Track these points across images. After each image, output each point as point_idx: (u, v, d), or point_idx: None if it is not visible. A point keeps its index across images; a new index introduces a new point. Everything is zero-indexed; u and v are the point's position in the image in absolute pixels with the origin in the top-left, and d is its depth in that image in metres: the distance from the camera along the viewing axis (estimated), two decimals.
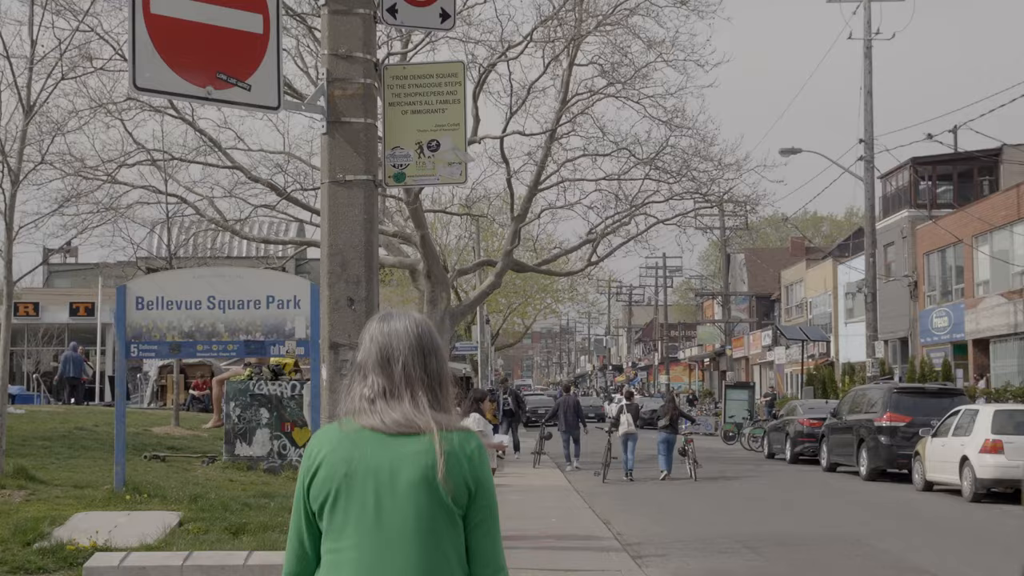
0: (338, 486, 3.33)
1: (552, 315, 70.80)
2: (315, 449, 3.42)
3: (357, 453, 3.34)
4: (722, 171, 34.39)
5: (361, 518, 3.31)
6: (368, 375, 3.48)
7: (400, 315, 3.59)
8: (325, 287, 5.86)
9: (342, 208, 5.80)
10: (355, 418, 3.43)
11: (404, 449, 3.33)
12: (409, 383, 3.42)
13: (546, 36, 30.63)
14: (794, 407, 35.48)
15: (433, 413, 3.38)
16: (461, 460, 3.35)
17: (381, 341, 3.50)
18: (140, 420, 26.71)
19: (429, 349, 3.50)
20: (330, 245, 5.85)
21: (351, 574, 3.30)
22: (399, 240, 33.44)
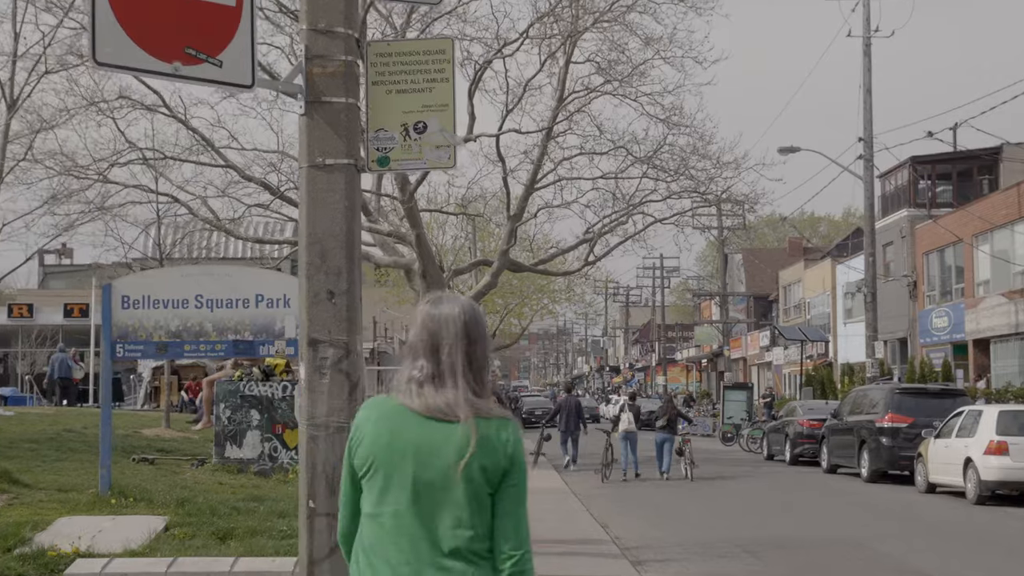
0: (381, 457, 3.59)
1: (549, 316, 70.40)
2: (363, 419, 3.70)
3: (401, 429, 3.59)
4: (720, 169, 34.08)
5: (400, 489, 3.56)
6: (418, 358, 3.68)
7: (450, 300, 3.78)
8: (303, 279, 5.49)
9: (321, 194, 5.42)
10: (401, 397, 3.64)
11: (444, 431, 3.56)
12: (453, 371, 3.62)
13: (542, 32, 30.29)
14: (793, 408, 35.15)
15: (474, 400, 3.60)
16: (496, 445, 3.57)
17: (431, 327, 3.68)
18: (131, 422, 26.38)
19: (475, 337, 3.70)
20: (308, 234, 5.47)
21: (388, 538, 3.57)
22: (394, 240, 33.07)
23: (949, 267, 45.94)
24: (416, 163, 5.99)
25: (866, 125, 39.31)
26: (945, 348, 44.58)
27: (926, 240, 47.08)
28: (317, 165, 5.48)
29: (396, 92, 5.96)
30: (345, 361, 5.44)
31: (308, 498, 5.39)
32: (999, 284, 40.56)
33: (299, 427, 5.59)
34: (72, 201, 31.98)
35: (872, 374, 37.84)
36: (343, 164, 5.46)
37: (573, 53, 31.48)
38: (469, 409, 3.58)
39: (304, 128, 5.52)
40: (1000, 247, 40.58)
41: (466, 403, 3.59)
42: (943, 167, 49.87)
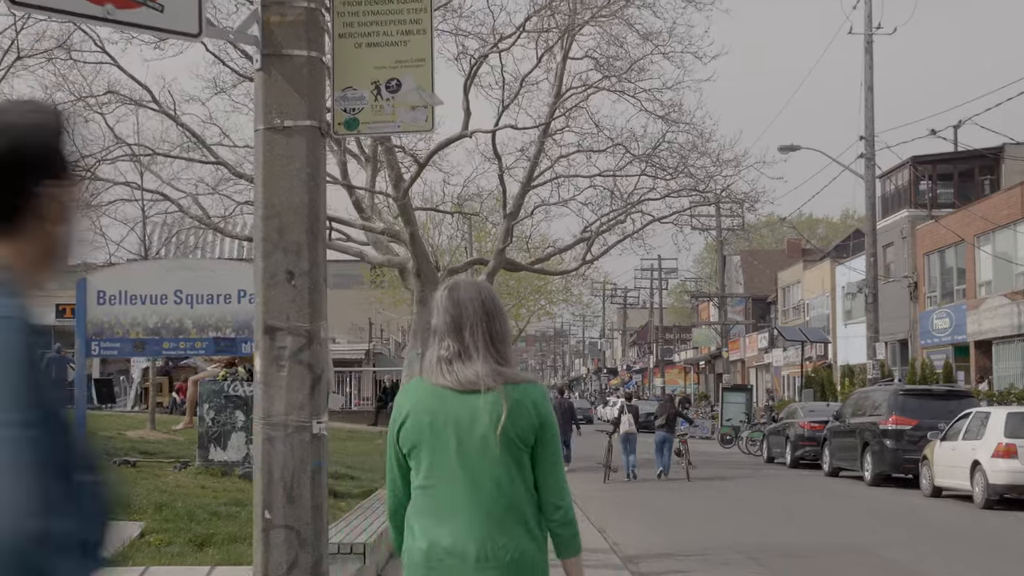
0: (425, 434, 3.88)
1: (547, 317, 69.87)
2: (403, 402, 3.98)
3: (439, 406, 3.87)
4: (720, 167, 33.52)
5: (446, 460, 3.86)
6: (444, 339, 3.95)
7: (465, 284, 4.11)
8: (259, 258, 4.88)
9: (280, 161, 4.80)
10: (432, 377, 3.92)
11: (478, 402, 3.85)
12: (478, 345, 3.91)
13: (539, 26, 29.71)
14: (794, 410, 34.59)
15: (500, 369, 3.90)
16: (527, 407, 3.88)
17: (452, 311, 3.97)
18: (117, 423, 25.80)
19: (493, 313, 4.00)
20: (265, 206, 4.84)
21: (442, 506, 3.86)
22: (388, 238, 32.48)
23: (950, 268, 45.46)
24: (389, 126, 5.30)
25: (867, 123, 38.74)
26: (946, 350, 44.12)
27: (927, 241, 46.59)
28: (275, 127, 4.84)
29: (366, 45, 5.29)
30: (306, 351, 4.84)
31: (264, 508, 4.80)
32: (1001, 285, 40.08)
33: (254, 426, 5.00)
34: None
35: (873, 376, 37.27)
36: (304, 127, 4.84)
37: (571, 49, 30.93)
38: (498, 378, 3.88)
39: (260, 85, 4.89)
40: (1002, 247, 40.07)
41: (494, 373, 3.89)
42: (944, 167, 49.37)
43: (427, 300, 31.56)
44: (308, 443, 4.92)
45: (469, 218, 41.46)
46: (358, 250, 34.04)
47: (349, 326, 62.95)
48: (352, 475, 20.39)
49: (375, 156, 31.24)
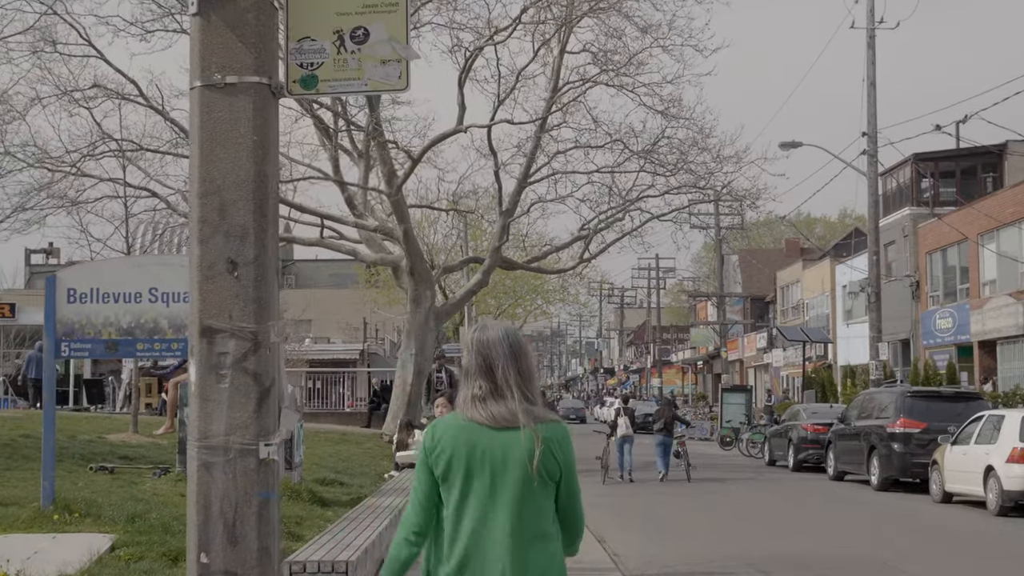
0: (460, 464, 4.20)
1: (543, 316, 69.22)
2: (439, 434, 4.27)
3: (475, 440, 4.21)
4: (720, 164, 32.84)
5: (480, 488, 4.20)
6: (477, 378, 4.27)
7: (494, 326, 4.40)
8: (195, 244, 4.08)
9: (220, 125, 4.01)
10: (468, 413, 4.25)
11: (510, 438, 4.20)
12: (509, 384, 4.24)
13: (536, 18, 28.99)
14: (796, 411, 33.82)
15: (529, 407, 4.24)
16: (552, 445, 4.25)
17: (483, 351, 4.30)
18: (99, 426, 25.04)
19: (520, 354, 4.33)
20: (202, 181, 4.04)
21: (476, 531, 4.19)
22: (381, 236, 31.78)
23: (953, 267, 44.80)
24: (354, 84, 4.48)
25: (870, 119, 37.96)
26: (949, 350, 43.47)
27: (929, 239, 45.91)
28: (214, 85, 4.04)
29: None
30: (252, 358, 4.04)
31: (199, 550, 3.99)
32: (1006, 284, 39.42)
33: (188, 450, 4.21)
34: (45, 194, 30.72)
35: (876, 376, 36.53)
36: (251, 84, 4.04)
37: (568, 42, 30.24)
38: (528, 416, 4.24)
39: (196, 33, 4.06)
40: (1007, 246, 39.37)
41: (524, 412, 4.24)
42: (946, 164, 48.66)
43: (421, 299, 30.86)
44: (254, 470, 4.12)
45: (464, 216, 40.73)
46: (351, 248, 33.34)
47: (344, 326, 62.23)
48: (341, 480, 19.62)
49: (368, 152, 30.56)
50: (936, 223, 44.53)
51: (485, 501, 4.21)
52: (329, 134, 31.17)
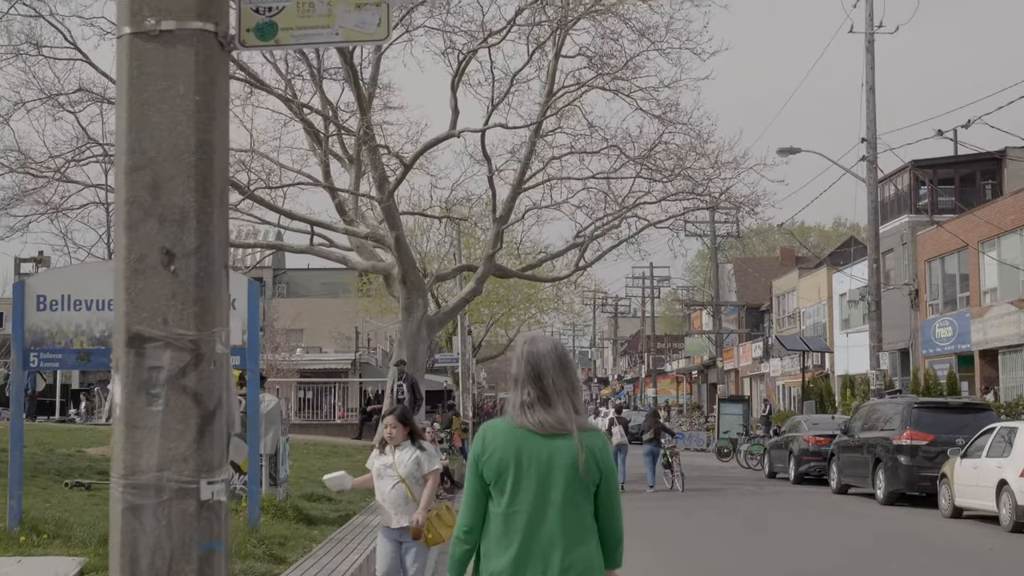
0: (510, 467, 4.55)
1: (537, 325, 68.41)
2: (489, 438, 4.64)
3: (523, 446, 4.56)
4: (718, 169, 32.16)
5: (527, 490, 4.54)
6: (525, 386, 4.61)
7: (544, 339, 4.79)
8: (121, 231, 3.30)
9: (154, 82, 3.26)
10: (517, 419, 4.59)
11: (556, 444, 4.55)
12: (558, 393, 4.60)
13: (531, 20, 28.32)
14: (797, 423, 33.12)
15: (575, 416, 4.61)
16: (595, 452, 4.60)
17: (533, 361, 4.64)
18: (80, 438, 24.30)
19: (567, 365, 4.69)
20: (129, 151, 3.30)
21: (525, 530, 4.55)
22: (372, 243, 31.06)
23: (952, 275, 44.21)
24: (322, 33, 3.71)
25: (869, 125, 37.32)
26: (949, 359, 42.87)
27: (928, 247, 45.31)
28: (146, 32, 3.28)
29: None
30: (192, 373, 3.27)
31: None
32: (1008, 292, 38.82)
33: (111, 489, 3.46)
34: (28, 201, 30.00)
35: (877, 387, 35.87)
36: (193, 31, 3.29)
37: (564, 45, 29.58)
38: (573, 424, 4.54)
39: None
40: (1008, 253, 38.76)
41: (570, 420, 4.54)
42: (944, 171, 48.08)
43: (413, 307, 30.13)
44: (194, 515, 3.36)
45: (457, 223, 40.03)
46: (341, 255, 32.63)
47: (335, 335, 61.54)
48: (329, 496, 18.83)
49: (359, 157, 29.85)
50: (935, 231, 43.95)
51: (533, 502, 4.51)
52: (319, 139, 30.47)
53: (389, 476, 8.91)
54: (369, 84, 29.28)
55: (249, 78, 28.23)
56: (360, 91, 27.68)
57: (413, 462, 8.88)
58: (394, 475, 8.87)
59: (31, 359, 12.20)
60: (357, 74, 27.89)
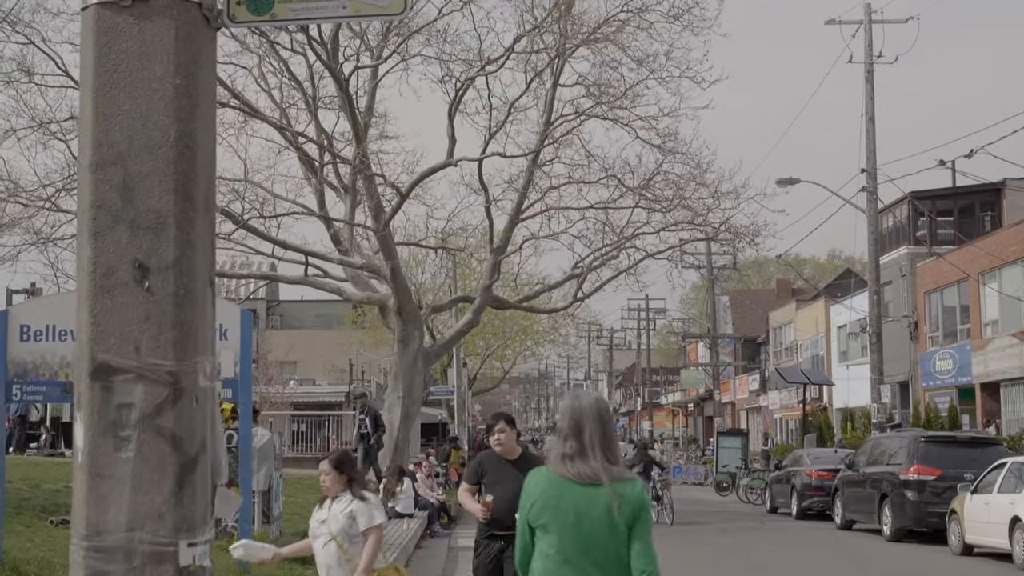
0: (551, 513, 4.98)
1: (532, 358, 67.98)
2: (532, 484, 5.10)
3: (563, 493, 4.98)
4: (718, 200, 31.73)
5: (567, 535, 4.96)
6: (568, 439, 5.07)
7: (586, 395, 5.25)
8: (85, 239, 2.75)
9: (126, 62, 2.69)
10: (558, 469, 5.03)
11: (593, 492, 4.96)
12: (593, 446, 5.03)
13: (529, 47, 27.97)
14: (799, 457, 32.61)
15: (610, 467, 5.00)
16: (629, 499, 4.97)
17: (576, 416, 5.10)
18: (69, 473, 23.69)
19: (606, 419, 5.14)
20: (95, 144, 2.77)
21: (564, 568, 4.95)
22: (368, 273, 30.58)
23: (952, 307, 43.82)
24: (327, 7, 3.16)
25: (869, 155, 37.03)
26: (950, 392, 42.44)
27: (927, 278, 44.94)
28: (117, 3, 2.75)
29: None
30: (170, 411, 2.71)
31: None
32: (1009, 324, 38.41)
33: (71, 552, 2.95)
34: (18, 230, 29.54)
35: (878, 420, 35.41)
36: (172, 2, 2.76)
37: (562, 74, 29.21)
38: (608, 475, 4.98)
39: None
40: (1010, 285, 38.37)
41: (604, 471, 4.99)
42: (943, 202, 47.77)
43: (409, 339, 29.61)
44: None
45: (454, 254, 39.58)
46: (336, 286, 32.13)
47: (329, 367, 60.96)
48: None
49: (354, 187, 29.42)
50: (934, 262, 43.61)
51: (573, 544, 4.92)
52: (314, 168, 30.04)
53: (322, 534, 7.77)
54: (365, 113, 28.89)
55: (243, 106, 27.83)
56: (356, 120, 27.28)
57: (346, 516, 7.68)
58: (327, 532, 7.73)
59: (14, 392, 11.69)
60: (353, 102, 27.49)
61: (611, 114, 29.97)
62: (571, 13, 27.37)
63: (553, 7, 27.25)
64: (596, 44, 28.56)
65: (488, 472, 9.21)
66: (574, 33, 27.92)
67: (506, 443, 9.15)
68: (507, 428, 9.20)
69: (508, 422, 9.29)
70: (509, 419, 9.39)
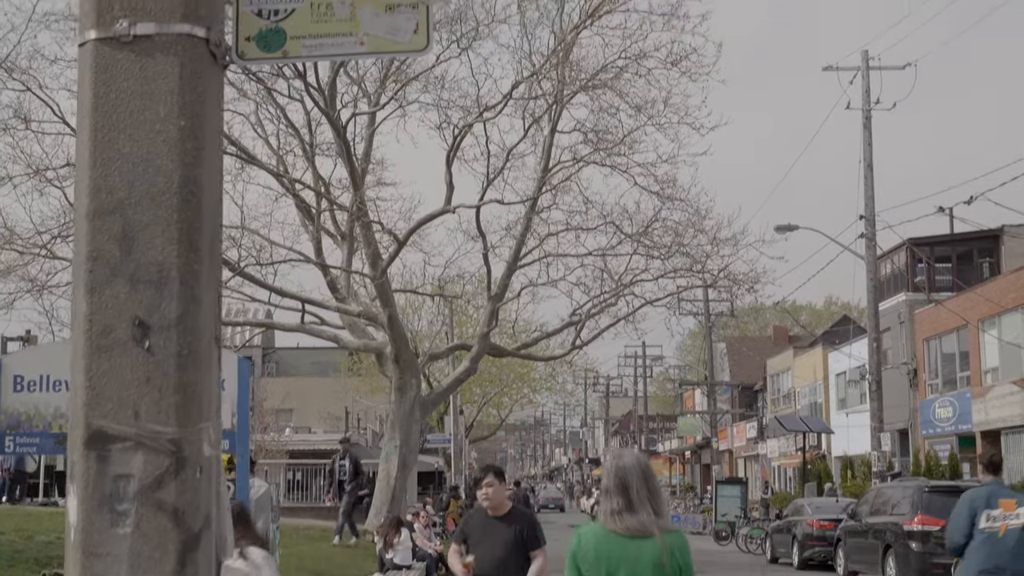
0: (603, 565, 5.28)
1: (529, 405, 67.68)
2: (584, 538, 5.41)
3: (613, 547, 5.30)
4: (717, 246, 31.60)
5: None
6: (614, 496, 5.35)
7: (628, 454, 5.52)
8: (81, 294, 2.50)
9: (127, 102, 2.50)
10: (608, 524, 5.34)
11: (641, 544, 5.27)
12: (641, 500, 5.31)
13: (527, 94, 27.92)
14: (800, 506, 32.30)
15: (657, 519, 5.31)
16: (675, 551, 5.29)
17: (620, 475, 5.37)
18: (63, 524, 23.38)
19: (649, 475, 5.41)
20: (93, 190, 2.56)
21: None
22: (365, 321, 30.38)
23: (951, 354, 43.65)
24: (344, 43, 2.90)
25: (867, 202, 36.94)
26: (950, 440, 42.16)
27: (926, 325, 44.79)
28: (116, 37, 2.55)
29: None
30: (171, 483, 2.45)
31: None
32: (1009, 372, 38.23)
33: None
34: (12, 277, 29.38)
35: (878, 468, 35.13)
36: (178, 37, 2.58)
37: (559, 120, 29.15)
38: (655, 527, 5.29)
39: None
40: (1009, 332, 38.21)
41: (652, 523, 5.29)
42: (942, 249, 47.78)
43: (406, 387, 29.36)
44: None
45: (451, 301, 39.40)
46: (333, 334, 31.93)
47: (325, 415, 60.64)
48: None
49: (351, 234, 29.29)
50: (933, 309, 43.49)
51: None
52: (311, 215, 29.91)
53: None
54: (362, 159, 28.81)
55: (240, 153, 27.74)
56: (353, 166, 27.19)
57: None
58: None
59: (7, 443, 11.43)
60: (350, 149, 27.42)
61: (609, 161, 29.89)
62: (569, 59, 27.31)
63: (551, 53, 27.22)
64: (594, 90, 28.51)
65: (473, 532, 8.92)
66: (572, 79, 27.87)
67: (493, 498, 8.82)
68: (495, 482, 8.87)
69: (496, 475, 8.95)
70: (498, 472, 9.06)
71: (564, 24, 27.50)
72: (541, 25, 28.28)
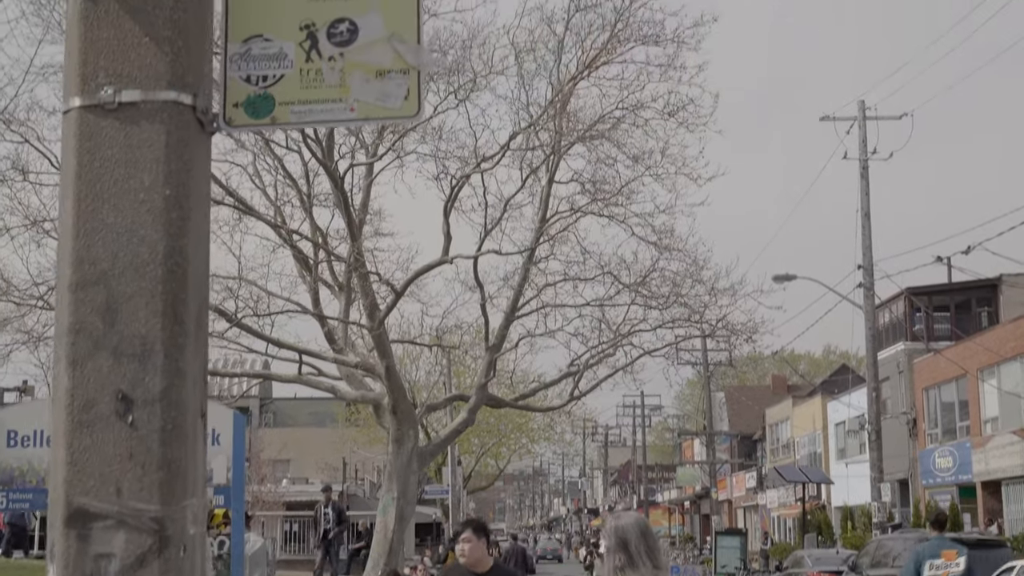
0: None
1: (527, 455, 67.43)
2: None
3: None
4: (715, 296, 31.52)
5: None
6: (616, 554, 5.61)
7: (627, 515, 5.88)
8: (63, 367, 2.44)
9: (111, 170, 2.49)
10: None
11: None
12: (640, 554, 5.57)
13: (524, 144, 27.95)
14: (800, 558, 32.12)
15: (657, 572, 5.59)
16: None
17: (620, 535, 5.65)
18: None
19: (647, 532, 5.70)
20: (76, 261, 2.52)
21: None
22: (362, 372, 30.24)
23: (951, 403, 43.58)
24: (334, 109, 2.87)
25: (865, 251, 37.01)
26: (950, 490, 42.04)
27: (925, 375, 44.73)
28: (101, 105, 2.53)
29: None
30: (154, 563, 2.39)
31: None
32: (1009, 421, 38.15)
33: None
34: (8, 329, 29.31)
35: (878, 519, 34.97)
36: (163, 103, 2.56)
37: (557, 171, 29.18)
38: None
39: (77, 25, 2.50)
40: (1009, 382, 38.12)
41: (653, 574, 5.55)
42: (940, 298, 47.84)
43: (404, 439, 29.15)
44: None
45: (448, 352, 39.31)
46: (330, 385, 31.77)
47: (322, 466, 60.39)
48: None
49: (349, 284, 29.21)
50: (931, 358, 43.45)
51: None
52: (309, 265, 29.84)
53: None
54: (360, 210, 28.77)
55: (238, 204, 27.73)
56: (351, 217, 27.16)
57: None
58: None
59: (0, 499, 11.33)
60: (347, 200, 27.39)
61: (607, 211, 29.86)
62: (566, 111, 27.36)
63: (548, 104, 27.27)
64: (592, 141, 28.54)
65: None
66: (570, 130, 27.90)
67: (470, 555, 8.27)
68: (473, 538, 8.31)
69: (476, 531, 8.38)
70: (477, 527, 8.47)
71: (561, 75, 27.57)
72: (538, 76, 28.30)
